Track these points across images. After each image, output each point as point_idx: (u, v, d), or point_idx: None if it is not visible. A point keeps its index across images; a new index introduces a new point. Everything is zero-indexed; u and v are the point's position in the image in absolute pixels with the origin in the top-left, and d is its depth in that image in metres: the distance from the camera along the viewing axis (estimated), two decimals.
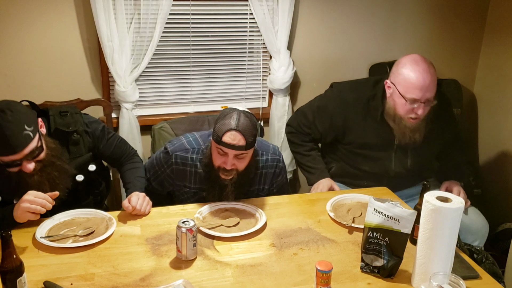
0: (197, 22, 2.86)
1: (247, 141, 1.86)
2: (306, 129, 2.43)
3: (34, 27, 2.60)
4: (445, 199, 1.46)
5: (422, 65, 2.05)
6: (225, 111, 1.94)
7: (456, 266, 1.59)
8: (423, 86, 2.03)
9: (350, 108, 2.27)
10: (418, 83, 2.03)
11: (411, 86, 2.04)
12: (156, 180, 2.14)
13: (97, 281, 1.53)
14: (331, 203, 2.04)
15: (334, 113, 2.31)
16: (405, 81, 2.06)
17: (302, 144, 2.46)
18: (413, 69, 2.05)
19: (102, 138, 2.08)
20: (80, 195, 2.04)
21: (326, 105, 2.35)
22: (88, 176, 2.04)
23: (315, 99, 2.46)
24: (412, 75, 2.04)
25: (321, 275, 1.48)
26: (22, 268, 1.38)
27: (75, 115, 1.99)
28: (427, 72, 2.04)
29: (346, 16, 3.06)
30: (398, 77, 2.10)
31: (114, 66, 2.67)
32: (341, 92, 2.33)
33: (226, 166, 1.90)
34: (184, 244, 1.63)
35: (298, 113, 2.50)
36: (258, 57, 3.06)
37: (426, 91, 2.04)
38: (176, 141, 2.10)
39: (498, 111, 3.19)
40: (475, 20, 3.27)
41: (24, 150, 1.68)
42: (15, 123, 1.66)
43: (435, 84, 2.06)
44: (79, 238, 1.75)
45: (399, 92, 2.09)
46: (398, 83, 2.10)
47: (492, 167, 2.37)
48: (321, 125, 2.37)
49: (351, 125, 2.28)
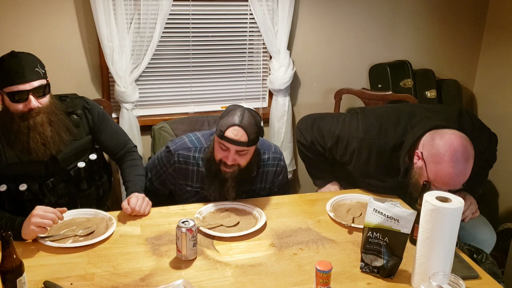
0: (197, 22, 2.86)
1: (249, 137, 1.87)
2: (320, 148, 2.27)
3: (34, 27, 2.60)
4: (445, 199, 1.46)
5: (461, 165, 1.79)
6: (230, 107, 1.95)
7: (456, 266, 1.59)
8: (453, 185, 1.84)
9: (373, 154, 2.08)
10: (450, 182, 1.82)
11: (441, 182, 1.83)
12: (158, 180, 2.14)
13: (97, 281, 1.54)
14: (331, 203, 2.04)
15: (356, 154, 2.12)
16: (437, 175, 1.83)
17: (312, 157, 2.35)
18: (451, 167, 1.79)
19: (103, 118, 2.11)
20: (82, 183, 2.05)
21: (348, 141, 2.14)
22: (90, 165, 2.06)
23: (338, 125, 2.20)
24: (446, 174, 1.80)
25: (321, 275, 1.48)
26: (22, 268, 1.38)
27: (75, 99, 2.06)
28: (463, 174, 1.81)
29: (346, 17, 3.06)
30: (431, 163, 1.84)
31: (114, 66, 2.67)
32: (368, 134, 2.09)
33: (227, 161, 1.91)
34: (184, 244, 1.63)
35: (314, 128, 2.28)
36: (258, 57, 3.06)
37: (454, 187, 1.85)
38: (178, 140, 2.11)
39: (498, 111, 3.19)
40: (474, 21, 3.27)
41: (34, 81, 1.80)
42: (30, 58, 1.84)
43: (466, 179, 1.84)
44: (79, 238, 1.76)
45: (427, 175, 1.86)
46: (430, 170, 1.84)
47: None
48: (338, 156, 2.22)
49: (371, 171, 2.12)
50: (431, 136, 1.89)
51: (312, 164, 2.40)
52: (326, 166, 2.37)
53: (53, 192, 1.98)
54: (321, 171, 2.39)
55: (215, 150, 1.96)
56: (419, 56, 3.24)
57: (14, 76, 1.78)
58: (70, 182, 2.02)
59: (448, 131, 1.86)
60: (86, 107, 2.06)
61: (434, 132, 1.89)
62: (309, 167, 2.43)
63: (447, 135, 1.84)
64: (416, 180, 1.93)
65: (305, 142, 2.32)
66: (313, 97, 3.19)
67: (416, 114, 2.08)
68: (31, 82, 1.80)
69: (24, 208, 1.84)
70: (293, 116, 3.14)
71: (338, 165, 2.35)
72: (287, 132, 3.06)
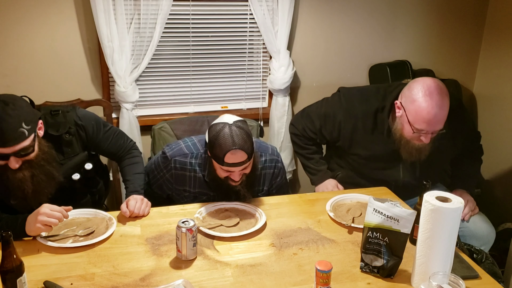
0: (197, 23, 2.86)
1: (248, 153, 1.87)
2: (311, 134, 2.39)
3: (34, 27, 2.60)
4: (445, 199, 1.46)
5: (436, 98, 1.93)
6: (216, 127, 1.89)
7: (456, 266, 1.59)
8: (433, 121, 1.94)
9: (359, 120, 2.21)
10: (429, 117, 1.94)
11: (421, 119, 1.96)
12: (156, 184, 2.14)
13: (97, 281, 1.54)
14: (330, 203, 2.04)
15: (342, 124, 2.24)
16: (416, 112, 1.97)
17: (306, 147, 2.44)
18: (426, 101, 1.94)
19: (98, 130, 2.04)
20: (77, 193, 2.03)
21: (334, 115, 2.27)
22: (85, 174, 2.03)
23: (322, 104, 2.36)
24: (423, 108, 1.94)
25: (321, 275, 1.48)
26: (22, 268, 1.38)
27: (67, 114, 1.95)
28: (440, 107, 1.94)
29: (345, 17, 3.06)
30: (409, 104, 1.99)
31: (114, 66, 2.67)
32: (350, 103, 2.24)
33: (234, 178, 1.92)
34: (184, 244, 1.63)
35: (303, 116, 2.42)
36: (258, 57, 3.06)
37: (435, 125, 1.97)
38: (175, 145, 2.09)
39: (498, 111, 3.19)
40: (474, 20, 3.27)
41: (15, 146, 1.68)
42: (14, 118, 1.67)
43: (445, 117, 1.97)
44: (79, 238, 1.76)
45: (407, 119, 2.00)
46: (408, 111, 1.99)
47: (492, 167, 2.37)
48: (328, 134, 2.32)
49: (359, 137, 2.23)
50: (407, 86, 2.05)
51: (306, 156, 2.44)
52: (320, 157, 2.44)
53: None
54: (316, 162, 2.42)
55: (217, 171, 1.94)
56: (419, 56, 3.24)
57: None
58: (65, 193, 1.96)
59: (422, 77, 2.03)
60: (78, 124, 1.96)
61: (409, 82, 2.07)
62: (304, 160, 2.46)
63: (420, 79, 2.01)
64: (400, 135, 2.08)
65: (297, 131, 2.44)
66: (313, 97, 3.16)
67: (393, 84, 2.24)
68: (11, 147, 1.67)
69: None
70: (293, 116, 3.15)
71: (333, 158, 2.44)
72: (287, 132, 3.06)
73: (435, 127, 1.98)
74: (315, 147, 2.44)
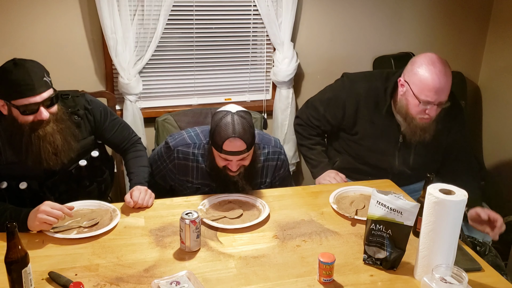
0: (201, 14, 2.86)
1: (247, 142, 1.87)
2: (315, 121, 2.40)
3: (37, 19, 2.60)
4: (448, 191, 1.46)
5: (438, 66, 1.98)
6: (219, 115, 1.90)
7: (459, 258, 1.59)
8: (438, 89, 1.97)
9: (361, 98, 2.24)
10: (434, 85, 1.96)
11: (426, 88, 1.98)
12: (158, 175, 2.15)
13: (102, 272, 1.55)
14: (334, 195, 2.04)
15: (346, 103, 2.27)
16: (420, 82, 1.99)
17: (309, 137, 2.45)
18: (429, 70, 1.98)
19: (105, 117, 2.07)
20: (83, 181, 2.05)
21: (337, 96, 2.30)
22: (91, 162, 2.05)
23: (325, 91, 2.41)
24: (428, 77, 1.97)
25: (324, 266, 1.49)
26: (27, 258, 1.39)
27: (76, 98, 1.99)
28: (443, 74, 1.97)
29: (350, 8, 3.04)
30: (413, 77, 2.03)
31: (117, 58, 2.67)
32: (354, 83, 2.28)
33: (231, 168, 1.92)
34: (187, 236, 1.64)
35: (308, 106, 2.45)
36: (262, 49, 3.06)
37: (441, 94, 1.98)
38: (178, 136, 2.10)
39: (503, 104, 3.18)
40: (480, 12, 3.25)
41: (44, 93, 1.75)
42: (38, 68, 1.78)
43: (450, 87, 2.00)
44: (84, 229, 1.77)
45: (412, 92, 2.02)
46: (413, 83, 2.02)
47: (496, 159, 2.36)
48: (332, 117, 2.33)
49: (361, 115, 2.26)
50: (409, 62, 2.09)
51: (309, 146, 2.45)
52: (322, 149, 2.45)
53: (54, 190, 1.97)
54: (318, 154, 2.43)
55: (216, 159, 1.95)
56: (423, 48, 3.22)
57: (24, 89, 1.71)
58: (72, 180, 2.00)
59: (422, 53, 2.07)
60: (87, 108, 2.01)
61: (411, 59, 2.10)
62: (306, 151, 2.47)
63: (421, 54, 2.06)
64: (405, 112, 2.09)
65: (301, 122, 2.46)
66: (317, 89, 3.14)
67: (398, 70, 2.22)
68: (41, 94, 1.74)
69: (25, 205, 1.82)
70: (297, 108, 3.14)
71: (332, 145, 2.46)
72: (290, 124, 3.06)
73: (440, 96, 1.99)
74: (319, 138, 2.45)
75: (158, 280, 1.46)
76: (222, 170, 1.96)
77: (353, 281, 1.54)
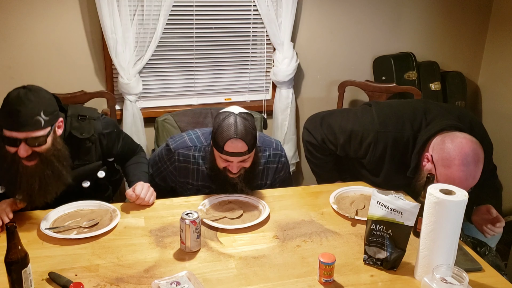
0: (201, 14, 2.86)
1: (248, 144, 1.86)
2: (331, 146, 2.20)
3: (37, 19, 2.60)
4: (449, 191, 1.46)
5: (471, 168, 1.76)
6: (221, 116, 1.90)
7: (459, 258, 1.59)
8: (466, 187, 1.75)
9: (388, 147, 2.03)
10: (460, 186, 1.72)
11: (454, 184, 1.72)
12: (159, 176, 2.15)
13: (102, 272, 1.55)
14: (334, 196, 2.04)
15: (372, 147, 2.05)
16: (447, 178, 1.78)
17: (322, 158, 2.30)
18: (461, 171, 1.76)
19: (118, 140, 2.08)
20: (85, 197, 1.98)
21: (363, 135, 2.06)
22: (96, 182, 2.03)
23: (349, 119, 2.15)
24: (456, 177, 1.77)
25: (324, 267, 1.49)
26: (27, 259, 1.39)
27: (93, 121, 1.94)
28: (473, 178, 1.78)
29: (350, 8, 3.04)
30: (441, 167, 1.81)
31: (117, 58, 2.67)
32: (384, 126, 2.03)
33: (232, 170, 1.91)
34: (187, 236, 1.63)
35: (324, 125, 2.21)
36: (262, 49, 3.05)
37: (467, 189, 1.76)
38: (179, 138, 2.10)
39: (502, 103, 3.18)
40: (480, 12, 3.25)
41: (28, 133, 1.65)
42: (34, 104, 1.66)
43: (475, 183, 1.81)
44: (84, 229, 1.77)
45: (436, 177, 1.83)
46: (439, 174, 1.81)
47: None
48: (352, 151, 2.14)
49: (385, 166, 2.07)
50: (441, 139, 1.85)
51: (320, 165, 2.33)
52: (333, 166, 2.33)
53: None
54: (328, 171, 2.34)
55: (217, 160, 1.94)
56: (423, 48, 3.22)
57: (10, 121, 1.64)
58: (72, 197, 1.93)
59: (459, 135, 1.82)
60: (103, 133, 1.97)
61: (444, 135, 1.86)
62: (316, 168, 2.36)
63: (457, 138, 1.80)
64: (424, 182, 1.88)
65: (314, 141, 2.24)
66: (317, 89, 3.18)
67: (431, 111, 2.03)
68: (26, 132, 1.65)
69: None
70: (297, 108, 3.14)
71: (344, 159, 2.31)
72: (290, 124, 3.06)
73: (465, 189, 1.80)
74: (331, 157, 2.29)
75: (158, 281, 1.46)
76: (222, 172, 1.95)
77: (353, 281, 1.54)
